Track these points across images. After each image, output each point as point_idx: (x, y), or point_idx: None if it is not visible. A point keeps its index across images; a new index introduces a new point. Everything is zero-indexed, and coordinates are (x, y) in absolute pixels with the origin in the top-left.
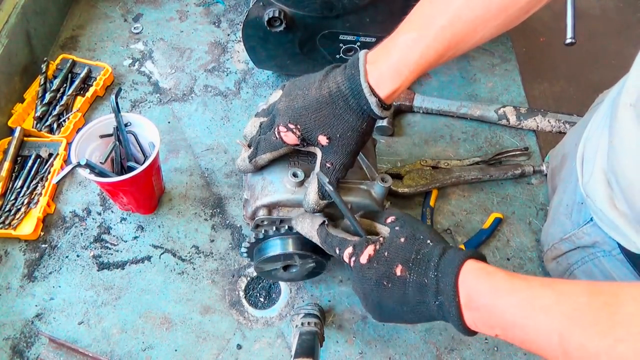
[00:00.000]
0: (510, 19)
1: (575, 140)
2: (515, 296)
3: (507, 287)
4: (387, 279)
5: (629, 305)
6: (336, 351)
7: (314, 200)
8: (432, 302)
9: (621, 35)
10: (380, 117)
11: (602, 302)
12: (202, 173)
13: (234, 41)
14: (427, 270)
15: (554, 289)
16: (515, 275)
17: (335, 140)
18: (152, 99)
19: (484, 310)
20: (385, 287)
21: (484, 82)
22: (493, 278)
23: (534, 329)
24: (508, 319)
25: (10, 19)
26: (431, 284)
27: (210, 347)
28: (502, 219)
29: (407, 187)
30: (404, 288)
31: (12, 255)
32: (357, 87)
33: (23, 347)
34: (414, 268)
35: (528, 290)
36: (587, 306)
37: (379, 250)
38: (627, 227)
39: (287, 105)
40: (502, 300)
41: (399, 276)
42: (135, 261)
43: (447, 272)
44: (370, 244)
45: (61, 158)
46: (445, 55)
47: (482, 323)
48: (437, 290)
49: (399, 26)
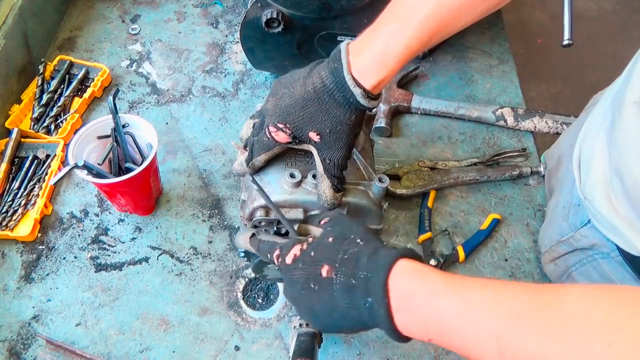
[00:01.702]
0: (493, 3)
1: (571, 141)
2: (452, 297)
3: (444, 288)
4: (314, 281)
5: (570, 306)
6: (334, 352)
7: (331, 196)
8: (362, 304)
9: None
10: (368, 107)
11: (542, 301)
12: (200, 174)
13: (232, 42)
14: (354, 270)
15: (492, 289)
16: (452, 275)
17: (327, 136)
18: (150, 100)
19: (418, 313)
20: (313, 290)
21: (481, 84)
22: (428, 278)
23: (471, 331)
24: (444, 321)
25: (7, 20)
26: (359, 285)
27: (208, 348)
28: (499, 220)
29: (405, 188)
30: (331, 290)
31: (9, 256)
32: (341, 80)
33: (20, 349)
34: (341, 268)
35: (465, 292)
36: (527, 306)
37: (305, 250)
38: (626, 229)
39: (275, 105)
40: (437, 301)
41: (325, 277)
42: (132, 262)
43: (376, 271)
44: (297, 243)
45: (58, 159)
46: (429, 42)
47: (415, 327)
48: (365, 291)
49: (381, 15)
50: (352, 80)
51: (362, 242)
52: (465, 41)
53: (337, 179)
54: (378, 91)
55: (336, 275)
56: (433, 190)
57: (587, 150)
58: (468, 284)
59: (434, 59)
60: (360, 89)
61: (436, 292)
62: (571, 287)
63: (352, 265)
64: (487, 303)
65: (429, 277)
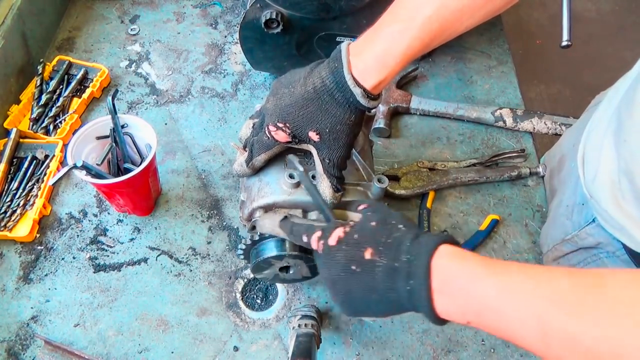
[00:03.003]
0: (495, 7)
1: (573, 141)
2: (493, 280)
3: (484, 271)
4: (356, 263)
5: (614, 289)
6: (333, 353)
7: (330, 196)
8: (403, 287)
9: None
10: (367, 107)
11: (586, 284)
12: (199, 175)
13: (231, 43)
14: (398, 253)
15: (533, 271)
16: (492, 259)
17: (326, 135)
18: (149, 100)
19: (459, 295)
20: (354, 272)
21: (480, 84)
22: (469, 262)
23: (512, 312)
24: (484, 303)
25: (6, 20)
26: (402, 268)
27: (207, 349)
28: (498, 220)
29: (404, 189)
30: (373, 273)
31: (8, 257)
32: (341, 79)
33: (18, 350)
34: (385, 251)
35: (506, 274)
36: (570, 288)
37: (348, 233)
38: (633, 228)
39: (275, 104)
40: (478, 283)
41: (369, 259)
42: (131, 263)
43: (419, 254)
44: (339, 226)
45: (57, 160)
46: (431, 44)
47: (454, 309)
48: (408, 274)
49: (382, 17)
50: (352, 80)
51: (404, 227)
52: (464, 42)
53: (337, 179)
54: (378, 91)
55: (380, 257)
56: (432, 191)
57: (593, 150)
58: (508, 267)
59: (433, 59)
60: (360, 89)
61: (477, 275)
62: (615, 271)
63: (395, 248)
64: (529, 285)
65: (469, 260)
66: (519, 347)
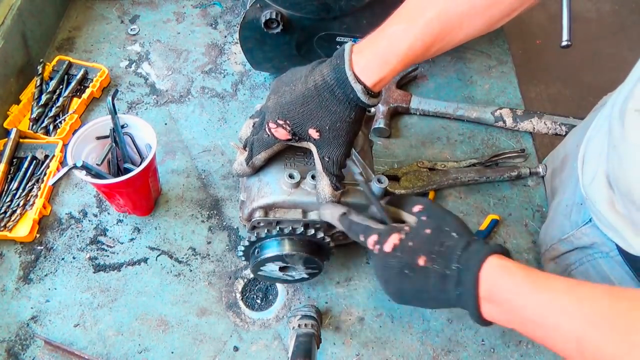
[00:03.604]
0: (493, 19)
1: (577, 141)
2: (536, 297)
3: (529, 287)
4: (410, 269)
5: None
6: (333, 353)
7: (330, 194)
8: (452, 292)
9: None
10: (368, 105)
11: (624, 307)
12: (198, 175)
13: (231, 43)
14: (450, 262)
15: (575, 290)
16: (537, 273)
17: (326, 133)
18: (149, 100)
19: (505, 306)
20: (407, 276)
21: (480, 84)
22: (515, 276)
23: (553, 329)
24: (528, 316)
25: (6, 21)
26: (452, 276)
27: (207, 349)
28: (498, 220)
29: (404, 189)
30: (425, 278)
31: (8, 257)
32: (342, 76)
33: (18, 350)
34: (437, 259)
35: (550, 292)
36: (608, 311)
37: (403, 240)
38: (625, 230)
39: (275, 102)
40: (522, 298)
41: (422, 266)
42: (131, 263)
43: (469, 266)
44: (395, 232)
45: (57, 160)
46: (431, 48)
47: (500, 317)
48: (458, 281)
49: (387, 19)
50: (353, 76)
51: (456, 235)
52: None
53: (336, 177)
54: (379, 89)
55: (432, 265)
56: (432, 191)
57: (592, 151)
58: (552, 284)
59: (433, 59)
60: (361, 85)
61: (522, 290)
62: None
63: (447, 257)
64: (569, 304)
65: (516, 275)
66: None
